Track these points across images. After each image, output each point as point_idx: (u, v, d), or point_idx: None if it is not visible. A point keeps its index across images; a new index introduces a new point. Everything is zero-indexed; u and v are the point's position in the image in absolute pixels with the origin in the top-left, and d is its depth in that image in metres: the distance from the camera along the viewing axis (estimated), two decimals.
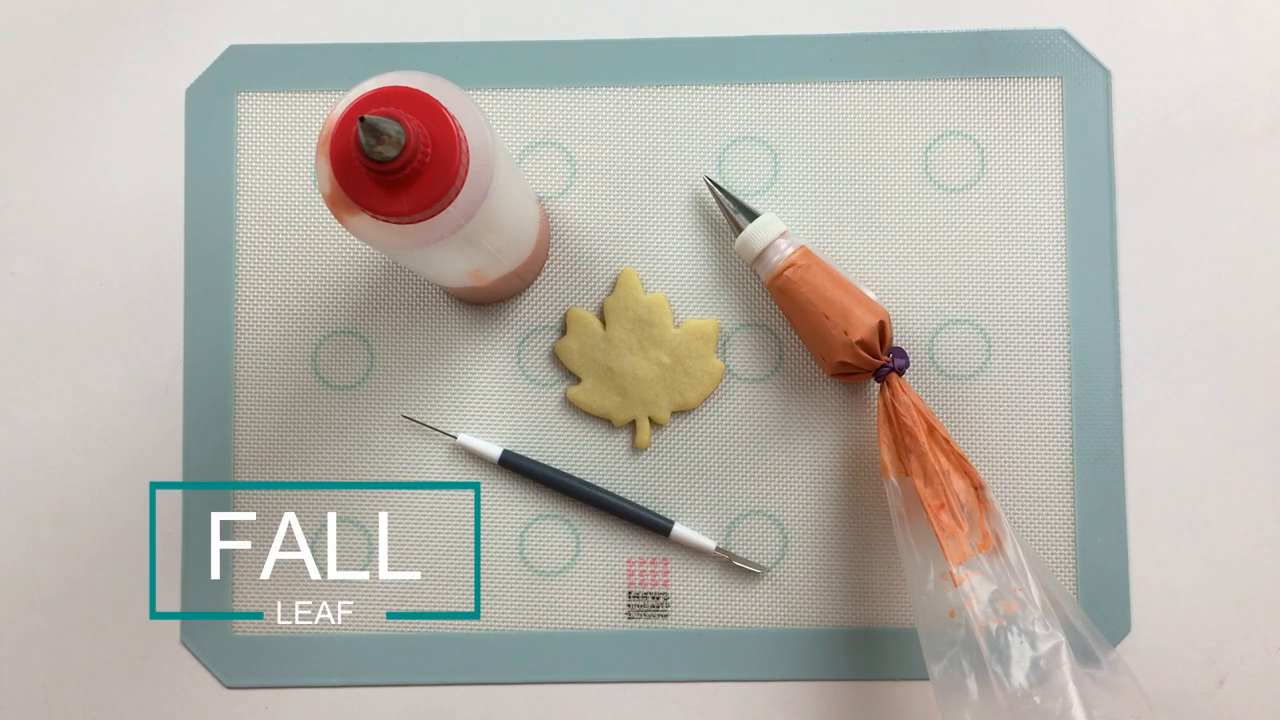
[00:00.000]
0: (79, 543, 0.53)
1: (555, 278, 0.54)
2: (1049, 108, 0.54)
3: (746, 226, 0.51)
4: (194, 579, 0.53)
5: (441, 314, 0.54)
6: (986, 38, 0.54)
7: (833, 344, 0.50)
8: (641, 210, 0.54)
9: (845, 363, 0.50)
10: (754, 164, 0.54)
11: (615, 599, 0.53)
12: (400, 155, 0.37)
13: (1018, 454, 0.53)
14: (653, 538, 0.53)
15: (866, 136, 0.54)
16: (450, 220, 0.39)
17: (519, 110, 0.54)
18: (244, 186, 0.54)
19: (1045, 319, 0.53)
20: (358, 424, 0.54)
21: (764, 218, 0.51)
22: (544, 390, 0.54)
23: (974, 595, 0.47)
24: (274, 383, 0.54)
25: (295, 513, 0.53)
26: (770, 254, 0.51)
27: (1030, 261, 0.53)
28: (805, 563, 0.53)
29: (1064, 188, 0.54)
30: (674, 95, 0.54)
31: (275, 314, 0.54)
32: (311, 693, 0.53)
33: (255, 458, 0.54)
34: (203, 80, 0.55)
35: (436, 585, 0.53)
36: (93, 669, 0.53)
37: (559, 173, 0.54)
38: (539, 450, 0.53)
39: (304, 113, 0.55)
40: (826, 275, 0.50)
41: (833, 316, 0.49)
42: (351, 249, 0.54)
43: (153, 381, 0.54)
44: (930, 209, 0.54)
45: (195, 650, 0.53)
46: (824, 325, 0.50)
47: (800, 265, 0.50)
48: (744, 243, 0.51)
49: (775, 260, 0.51)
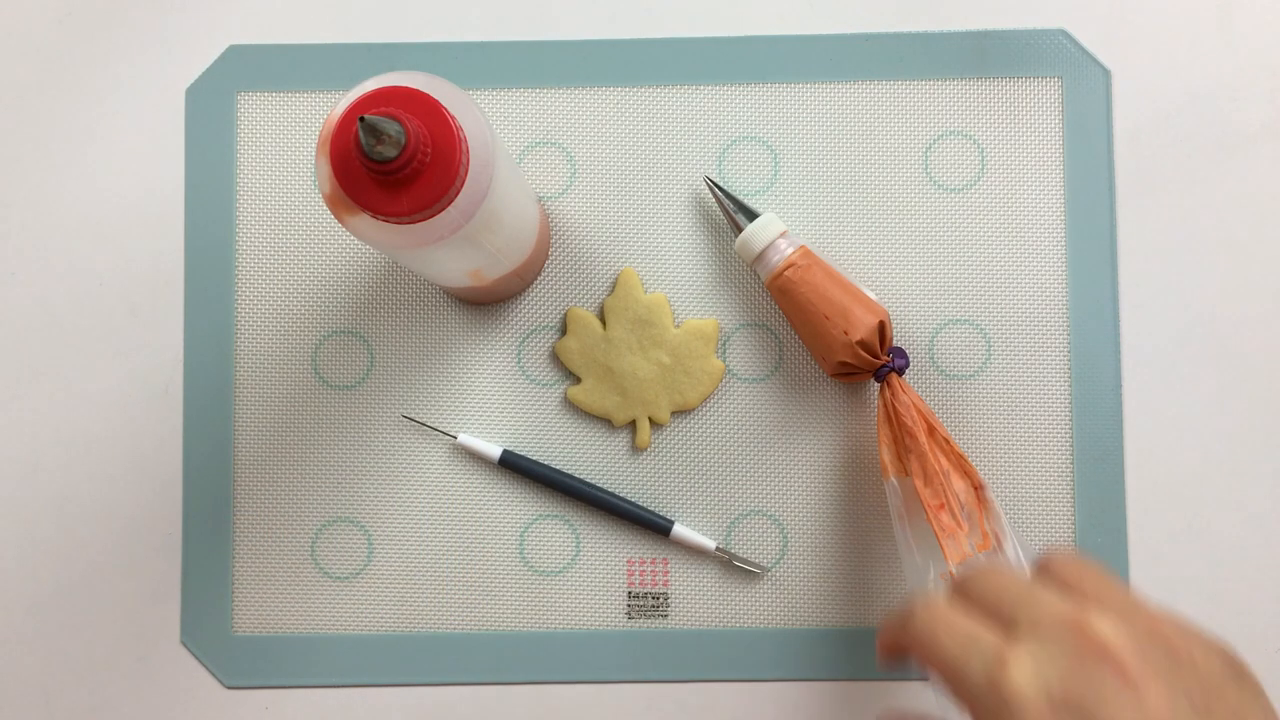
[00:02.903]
0: (79, 543, 0.53)
1: (555, 278, 0.54)
2: (1049, 108, 0.54)
3: (746, 226, 0.51)
4: (194, 579, 0.53)
5: (441, 314, 0.54)
6: (986, 38, 0.54)
7: (833, 344, 0.50)
8: (641, 210, 0.54)
9: (845, 363, 0.50)
10: (754, 164, 0.54)
11: (615, 599, 0.53)
12: (400, 155, 0.37)
13: (1018, 454, 0.53)
14: (653, 538, 0.53)
15: (866, 136, 0.54)
16: (450, 220, 0.39)
17: (519, 110, 0.54)
18: (244, 186, 0.54)
19: (1045, 319, 0.53)
20: (358, 424, 0.54)
21: (764, 218, 0.51)
22: (544, 390, 0.54)
23: None
24: (274, 383, 0.54)
25: (295, 513, 0.53)
26: (770, 254, 0.51)
27: (1030, 261, 0.54)
28: (805, 563, 0.53)
29: (1064, 188, 0.54)
30: (674, 95, 0.54)
31: (275, 314, 0.54)
32: (311, 693, 0.53)
33: (255, 458, 0.54)
34: (203, 80, 0.55)
35: (436, 585, 0.53)
36: (93, 669, 0.53)
37: (559, 173, 0.54)
38: (539, 450, 0.53)
39: (304, 113, 0.55)
40: (826, 275, 0.50)
41: (833, 316, 0.49)
42: (351, 249, 0.54)
43: (153, 381, 0.54)
44: (930, 209, 0.54)
45: (195, 650, 0.53)
46: (824, 325, 0.50)
47: (800, 265, 0.50)
48: (744, 243, 0.51)
49: (775, 260, 0.51)
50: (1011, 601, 0.33)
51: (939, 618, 0.34)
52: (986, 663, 0.32)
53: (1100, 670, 0.30)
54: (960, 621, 0.33)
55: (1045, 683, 0.30)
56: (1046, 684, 0.30)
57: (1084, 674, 0.30)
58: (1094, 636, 0.31)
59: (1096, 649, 0.31)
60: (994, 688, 0.31)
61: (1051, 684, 0.30)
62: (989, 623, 0.33)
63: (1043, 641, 0.31)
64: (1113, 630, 0.31)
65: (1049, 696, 0.30)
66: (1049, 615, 0.32)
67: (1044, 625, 0.32)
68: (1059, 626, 0.32)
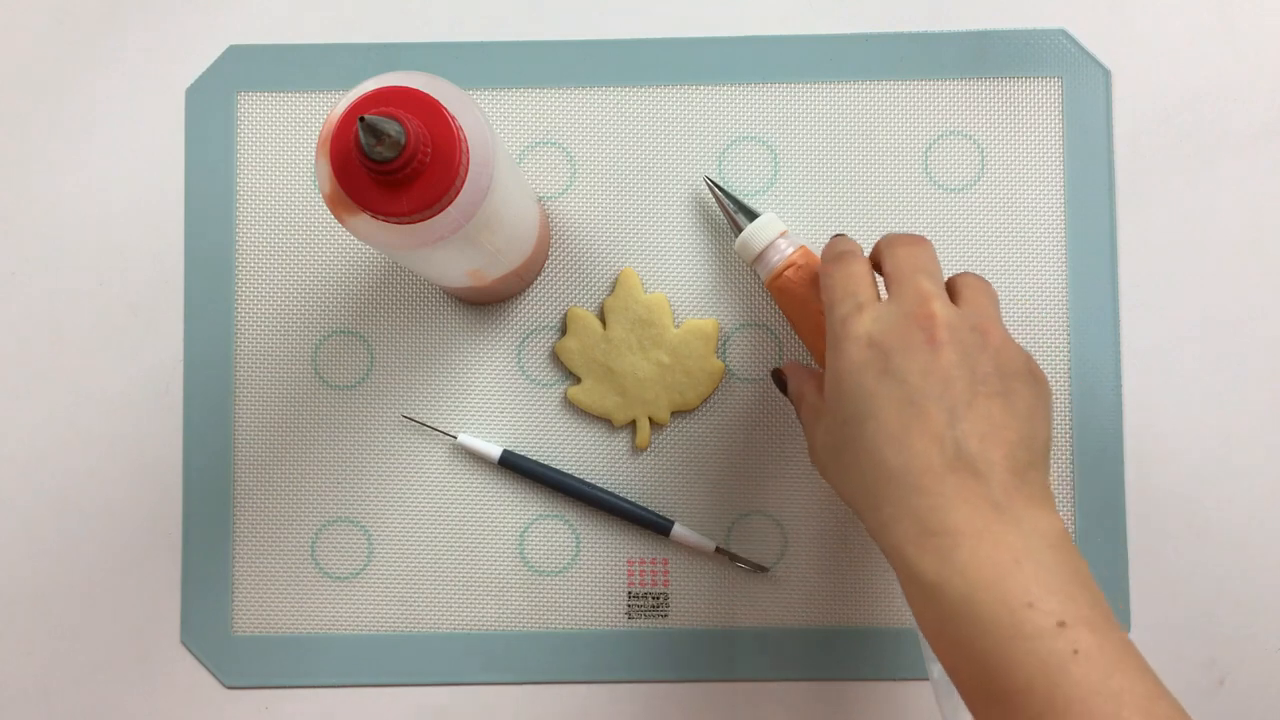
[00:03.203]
0: (79, 543, 0.53)
1: (555, 278, 0.54)
2: (1049, 108, 0.54)
3: (746, 226, 0.51)
4: (194, 579, 0.53)
5: (441, 314, 0.54)
6: (986, 38, 0.54)
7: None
8: (641, 210, 0.54)
9: None
10: (754, 164, 0.54)
11: (615, 599, 0.53)
12: (400, 155, 0.37)
13: None
14: (653, 538, 0.53)
15: (866, 136, 0.54)
16: (450, 220, 0.39)
17: (519, 110, 0.54)
18: (244, 186, 0.54)
19: (1045, 319, 0.53)
20: (358, 424, 0.54)
21: (764, 218, 0.51)
22: (544, 390, 0.54)
23: None
24: (274, 383, 0.54)
25: (295, 513, 0.53)
26: (770, 254, 0.51)
27: (1030, 261, 0.54)
28: (805, 563, 0.53)
29: (1064, 188, 0.54)
30: (674, 95, 0.54)
31: (275, 314, 0.54)
32: (311, 693, 0.53)
33: (255, 458, 0.54)
34: (203, 80, 0.55)
35: (436, 585, 0.53)
36: (93, 669, 0.53)
37: (559, 173, 0.54)
38: (539, 450, 0.53)
39: (304, 113, 0.55)
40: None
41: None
42: (351, 249, 0.54)
43: (153, 381, 0.54)
44: (930, 209, 0.54)
45: (195, 650, 0.53)
46: (821, 324, 0.50)
47: (800, 265, 0.50)
48: (744, 243, 0.51)
49: (775, 260, 0.50)
50: (899, 279, 0.42)
51: (844, 267, 0.43)
52: (851, 309, 0.41)
53: (915, 330, 0.40)
54: (857, 275, 0.43)
55: (875, 328, 0.40)
56: (874, 329, 0.40)
57: (902, 329, 0.40)
58: (926, 308, 0.40)
59: (923, 317, 0.40)
60: (843, 324, 0.41)
61: (876, 331, 0.40)
62: (875, 288, 0.42)
63: (893, 304, 0.41)
64: (943, 309, 0.40)
65: (869, 338, 0.40)
66: (912, 292, 0.41)
67: (903, 298, 0.41)
68: (911, 299, 0.41)
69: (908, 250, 0.43)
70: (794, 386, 0.47)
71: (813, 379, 0.46)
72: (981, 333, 0.40)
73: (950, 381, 0.39)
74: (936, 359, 0.39)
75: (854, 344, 0.40)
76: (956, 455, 0.38)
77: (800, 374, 0.47)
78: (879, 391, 0.39)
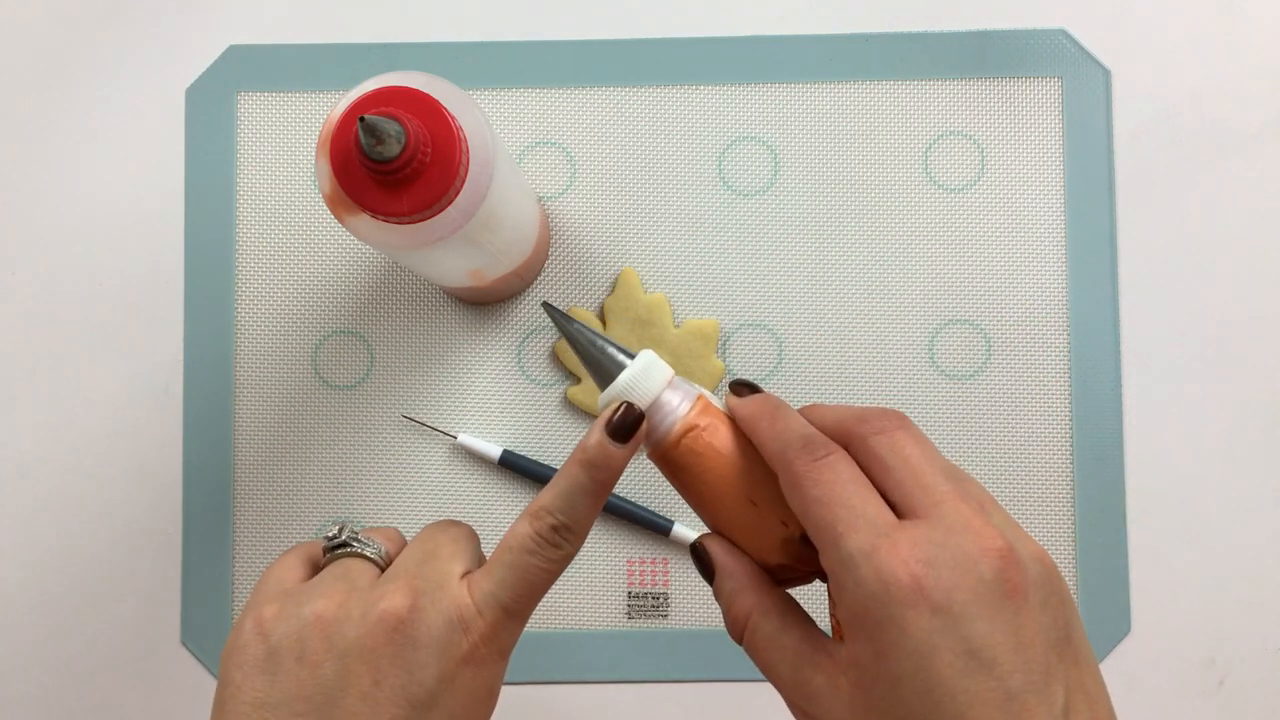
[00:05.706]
0: (79, 543, 0.53)
1: (555, 278, 0.54)
2: (1049, 108, 0.54)
3: (618, 376, 0.34)
4: (194, 579, 0.53)
5: (441, 314, 0.54)
6: (986, 38, 0.54)
7: (766, 539, 0.33)
8: (641, 210, 0.54)
9: (786, 566, 0.34)
10: (754, 164, 0.54)
11: (615, 599, 0.53)
12: (400, 155, 0.37)
13: (1018, 454, 0.53)
14: (653, 538, 0.53)
15: (866, 136, 0.54)
16: (450, 220, 0.39)
17: (519, 110, 0.54)
18: (244, 186, 0.54)
19: (1045, 319, 0.53)
20: (358, 424, 0.54)
21: (641, 360, 0.34)
22: (544, 390, 0.54)
23: None
24: (274, 383, 0.54)
25: (295, 513, 0.53)
26: (656, 415, 0.34)
27: (1030, 261, 0.54)
28: None
29: (1064, 188, 0.54)
30: (674, 95, 0.54)
31: (275, 314, 0.54)
32: None
33: (255, 458, 0.54)
34: (203, 80, 0.55)
35: None
36: (93, 669, 0.53)
37: (559, 173, 0.54)
38: (539, 450, 0.53)
39: (304, 113, 0.55)
40: (740, 438, 0.34)
41: (763, 502, 0.33)
42: (351, 249, 0.54)
43: (153, 381, 0.54)
44: (930, 209, 0.54)
45: (195, 650, 0.53)
46: (750, 515, 0.33)
47: (703, 426, 0.33)
48: (617, 399, 0.34)
49: (666, 424, 0.34)
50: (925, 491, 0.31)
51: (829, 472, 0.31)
52: (869, 539, 0.29)
53: (987, 579, 0.29)
54: (851, 483, 0.31)
55: (929, 576, 0.29)
56: (927, 579, 0.29)
57: (970, 578, 0.29)
58: (990, 541, 0.29)
59: (993, 554, 0.29)
60: (868, 561, 0.29)
61: (931, 580, 0.29)
62: (880, 498, 0.31)
63: (935, 529, 0.30)
64: (1012, 540, 0.30)
65: (924, 593, 0.29)
66: (953, 512, 0.30)
67: (946, 521, 0.30)
68: (957, 521, 0.30)
69: (919, 448, 0.32)
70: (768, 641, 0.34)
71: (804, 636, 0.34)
72: (1040, 561, 0.30)
73: (1043, 650, 0.29)
74: (1022, 622, 0.29)
75: (905, 610, 0.29)
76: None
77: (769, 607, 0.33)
78: (961, 689, 0.28)
